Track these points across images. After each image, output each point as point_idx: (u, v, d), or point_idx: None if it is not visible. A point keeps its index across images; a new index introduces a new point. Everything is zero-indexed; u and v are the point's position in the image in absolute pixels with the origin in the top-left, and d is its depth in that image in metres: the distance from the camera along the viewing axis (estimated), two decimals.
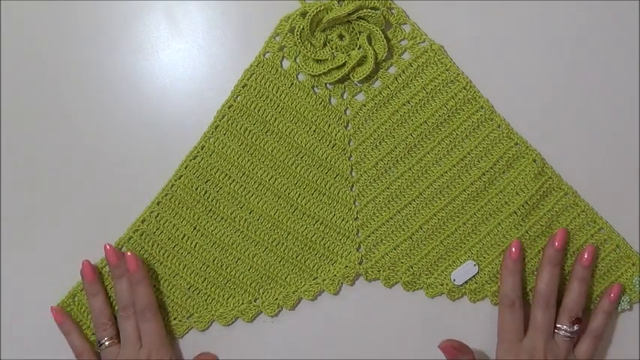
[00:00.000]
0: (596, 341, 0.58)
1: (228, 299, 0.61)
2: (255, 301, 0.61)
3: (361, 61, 0.58)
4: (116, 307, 0.59)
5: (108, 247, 0.58)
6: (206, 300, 0.61)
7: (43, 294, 0.60)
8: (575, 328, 0.57)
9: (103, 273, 0.60)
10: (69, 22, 0.60)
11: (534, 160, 0.59)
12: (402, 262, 0.60)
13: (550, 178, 0.59)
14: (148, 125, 0.61)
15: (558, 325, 0.57)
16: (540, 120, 0.60)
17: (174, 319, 0.61)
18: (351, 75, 0.58)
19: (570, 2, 0.59)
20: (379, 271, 0.61)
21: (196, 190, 0.60)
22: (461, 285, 0.60)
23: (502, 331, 0.58)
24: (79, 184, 0.61)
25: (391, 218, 0.60)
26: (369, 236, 0.60)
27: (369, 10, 0.56)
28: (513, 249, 0.58)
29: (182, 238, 0.60)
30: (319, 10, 0.56)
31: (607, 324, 0.59)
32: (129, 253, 0.58)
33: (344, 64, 0.58)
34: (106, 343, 0.58)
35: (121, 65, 0.60)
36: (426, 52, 0.59)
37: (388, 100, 0.59)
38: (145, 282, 0.58)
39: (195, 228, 0.60)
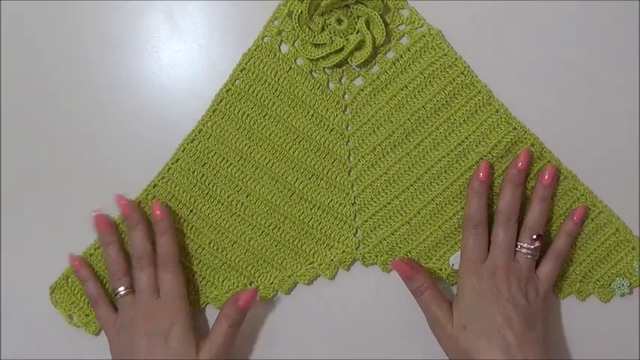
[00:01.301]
0: (557, 262, 0.58)
1: (223, 282, 0.61)
2: (250, 284, 0.61)
3: (359, 46, 0.58)
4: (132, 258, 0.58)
5: (120, 197, 0.58)
6: (201, 282, 0.60)
7: (42, 291, 0.61)
8: (536, 244, 0.56)
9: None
10: (69, 21, 0.61)
11: (532, 145, 0.59)
12: (399, 247, 0.60)
13: (549, 162, 0.59)
14: (148, 125, 0.61)
15: (519, 243, 0.57)
16: (539, 104, 0.60)
17: None
18: (349, 59, 0.58)
19: None
20: (376, 256, 0.60)
21: (193, 173, 0.60)
22: (457, 269, 0.60)
23: (465, 252, 0.57)
24: (79, 183, 0.61)
25: (389, 203, 0.60)
26: (366, 221, 0.60)
27: None
28: (481, 171, 0.57)
29: (178, 221, 0.60)
30: None
31: (569, 246, 0.58)
32: (154, 201, 0.58)
33: (342, 49, 0.58)
34: (122, 292, 0.57)
35: (121, 65, 0.61)
36: (424, 36, 0.59)
37: (386, 85, 0.60)
38: (169, 232, 0.57)
39: (191, 211, 0.60)
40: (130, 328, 0.56)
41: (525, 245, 0.57)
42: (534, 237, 0.57)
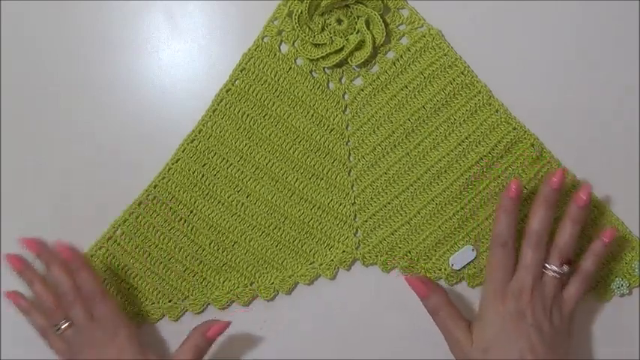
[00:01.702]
0: (585, 283, 0.56)
1: (224, 282, 0.61)
2: (251, 284, 0.61)
3: (359, 46, 0.58)
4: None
5: (25, 239, 0.56)
6: (202, 283, 0.61)
7: None
8: (565, 268, 0.55)
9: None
10: (69, 21, 0.61)
11: (532, 145, 0.59)
12: (399, 247, 0.60)
13: (549, 162, 0.59)
14: (148, 125, 0.61)
15: (547, 265, 0.55)
16: (539, 104, 0.60)
17: (170, 301, 0.61)
18: (349, 59, 0.59)
19: None
20: (377, 256, 0.60)
21: (193, 173, 0.60)
22: (459, 270, 0.60)
23: (490, 271, 0.55)
24: (79, 183, 0.61)
25: (389, 203, 0.60)
26: (366, 221, 0.60)
27: None
28: (513, 187, 0.55)
29: (178, 221, 0.60)
30: None
31: (597, 267, 0.57)
32: (59, 242, 0.56)
33: (342, 49, 0.58)
34: (63, 327, 0.56)
35: (121, 65, 0.61)
36: (424, 36, 0.59)
37: (386, 85, 0.60)
38: (84, 268, 0.56)
39: (191, 211, 0.60)
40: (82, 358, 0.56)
41: (554, 268, 0.55)
42: (564, 260, 0.55)
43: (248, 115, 0.59)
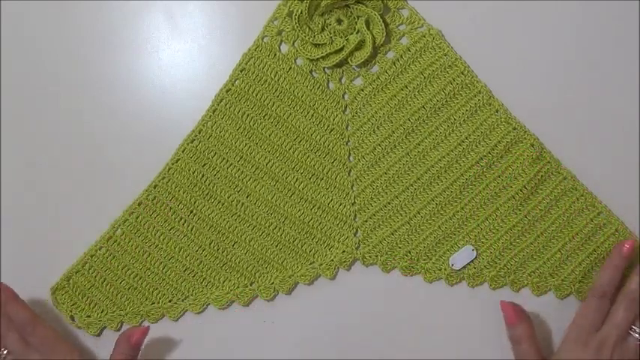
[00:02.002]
0: None
1: (224, 282, 0.61)
2: (251, 284, 0.61)
3: (359, 46, 0.58)
4: None
5: None
6: (202, 283, 0.61)
7: (44, 292, 0.60)
8: None
9: None
10: (69, 22, 0.61)
11: (532, 145, 0.59)
12: (399, 247, 0.60)
13: (548, 162, 0.59)
14: (148, 125, 0.61)
15: (635, 327, 0.56)
16: (539, 104, 0.60)
17: (170, 301, 0.61)
18: (349, 59, 0.59)
19: None
20: (377, 256, 0.60)
21: (193, 173, 0.60)
22: (459, 270, 0.60)
23: (581, 316, 0.56)
24: (80, 183, 0.61)
25: (389, 203, 0.60)
26: (366, 221, 0.60)
27: None
28: (627, 246, 0.56)
29: (179, 221, 0.60)
30: None
31: None
32: None
33: (342, 49, 0.58)
34: (4, 352, 0.56)
35: (121, 65, 0.61)
36: (424, 36, 0.59)
37: (386, 85, 0.60)
38: (15, 299, 0.56)
39: (191, 211, 0.60)
40: None
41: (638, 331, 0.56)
42: None
43: (248, 115, 0.60)
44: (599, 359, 0.55)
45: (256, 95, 0.59)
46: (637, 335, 0.56)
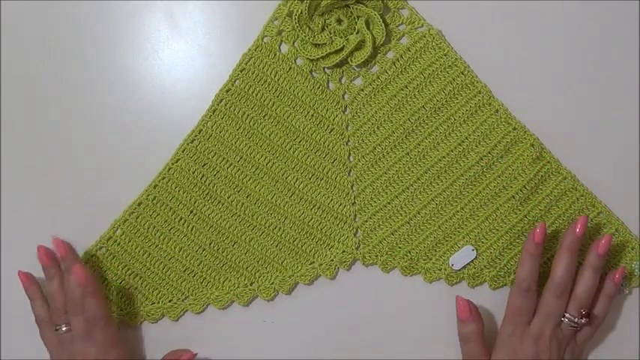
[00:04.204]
0: (596, 328, 0.57)
1: (224, 282, 0.61)
2: (251, 284, 0.61)
3: (359, 46, 0.58)
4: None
5: (57, 240, 0.58)
6: (202, 283, 0.61)
7: (43, 288, 0.60)
8: (583, 321, 0.55)
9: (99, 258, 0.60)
10: (69, 22, 0.61)
11: (532, 145, 0.59)
12: (399, 247, 0.60)
13: (548, 162, 0.59)
14: (148, 125, 0.61)
15: (566, 314, 0.56)
16: (539, 104, 0.60)
17: (170, 301, 0.61)
18: (349, 59, 0.59)
19: None
20: (377, 256, 0.60)
21: (193, 173, 0.60)
22: (459, 270, 0.60)
23: (511, 312, 0.56)
24: (80, 183, 0.61)
25: (389, 203, 0.60)
26: (366, 221, 0.60)
27: None
28: (537, 230, 0.55)
29: (179, 221, 0.60)
30: None
31: (609, 308, 0.58)
32: (77, 266, 0.56)
33: (342, 49, 0.58)
34: (63, 329, 0.57)
35: (121, 65, 0.61)
36: (424, 36, 0.59)
37: (386, 85, 0.60)
38: (95, 294, 0.56)
39: (191, 211, 0.60)
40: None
41: (573, 319, 0.56)
42: (583, 312, 0.55)
43: (248, 115, 0.59)
44: (538, 351, 0.55)
45: (256, 95, 0.59)
46: (569, 321, 0.56)
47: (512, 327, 0.56)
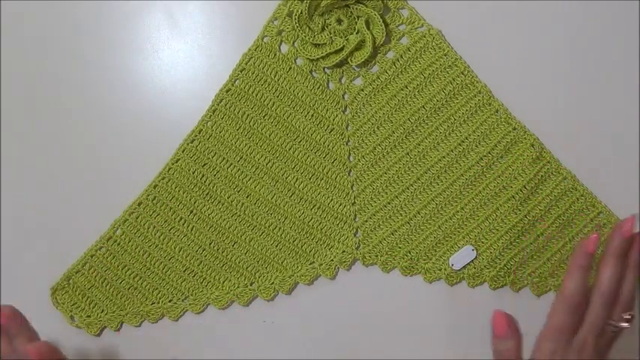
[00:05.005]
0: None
1: (223, 282, 0.61)
2: (251, 284, 0.61)
3: (359, 46, 0.58)
4: None
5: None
6: (202, 283, 0.61)
7: (44, 292, 0.61)
8: (627, 325, 0.52)
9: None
10: (69, 22, 0.61)
11: (532, 145, 0.59)
12: (399, 247, 0.60)
13: (548, 162, 0.59)
14: (148, 125, 0.61)
15: (611, 321, 0.52)
16: (539, 104, 0.60)
17: (170, 301, 0.61)
18: (349, 59, 0.59)
19: None
20: (377, 256, 0.60)
21: (193, 173, 0.60)
22: (459, 270, 0.60)
23: (556, 330, 0.51)
24: (80, 183, 0.61)
25: (389, 203, 0.60)
26: (366, 221, 0.60)
27: None
28: (592, 242, 0.51)
29: (178, 221, 0.60)
30: None
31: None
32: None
33: (342, 49, 0.58)
34: None
35: (121, 65, 0.61)
36: (424, 36, 0.59)
37: (386, 85, 0.60)
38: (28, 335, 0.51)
39: (191, 211, 0.60)
40: None
41: (617, 324, 0.52)
42: (628, 316, 0.52)
43: (248, 115, 0.59)
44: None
45: (256, 95, 0.59)
46: (613, 328, 0.52)
47: (555, 346, 0.51)
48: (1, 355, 0.52)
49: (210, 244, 0.60)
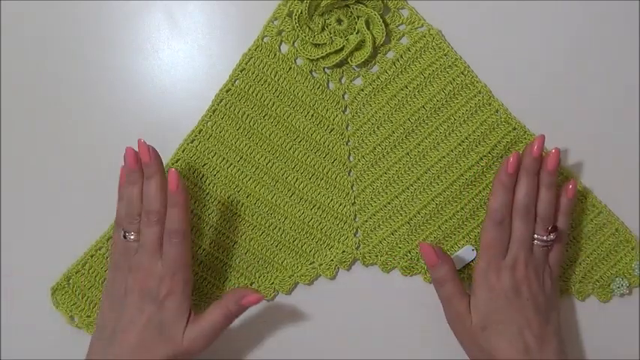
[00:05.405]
0: (562, 244, 0.57)
1: (224, 283, 0.61)
2: (251, 284, 0.61)
3: (359, 46, 0.58)
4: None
5: (143, 144, 0.54)
6: (202, 283, 0.61)
7: (43, 293, 0.61)
8: (552, 237, 0.55)
9: None
10: (69, 22, 0.61)
11: None
12: (399, 247, 0.60)
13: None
14: (148, 125, 0.61)
15: (535, 235, 0.55)
16: (539, 104, 0.60)
17: None
18: (349, 59, 0.59)
19: None
20: (377, 256, 0.60)
21: (193, 173, 0.60)
22: (459, 270, 0.60)
23: (485, 247, 0.55)
24: (80, 183, 0.61)
25: (389, 203, 0.60)
26: (366, 221, 0.60)
27: None
28: (511, 161, 0.55)
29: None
30: None
31: (569, 225, 0.58)
32: (173, 170, 0.53)
33: (342, 49, 0.58)
34: (131, 237, 0.54)
35: (121, 65, 0.61)
36: (424, 36, 0.59)
37: (386, 85, 0.60)
38: (181, 206, 0.53)
39: (191, 211, 0.60)
40: (127, 276, 0.54)
41: (541, 237, 0.55)
42: (549, 228, 0.55)
43: (248, 115, 0.60)
44: (516, 282, 0.54)
45: (256, 95, 0.59)
46: (540, 242, 0.55)
47: (487, 262, 0.55)
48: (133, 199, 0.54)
49: (210, 244, 0.60)
